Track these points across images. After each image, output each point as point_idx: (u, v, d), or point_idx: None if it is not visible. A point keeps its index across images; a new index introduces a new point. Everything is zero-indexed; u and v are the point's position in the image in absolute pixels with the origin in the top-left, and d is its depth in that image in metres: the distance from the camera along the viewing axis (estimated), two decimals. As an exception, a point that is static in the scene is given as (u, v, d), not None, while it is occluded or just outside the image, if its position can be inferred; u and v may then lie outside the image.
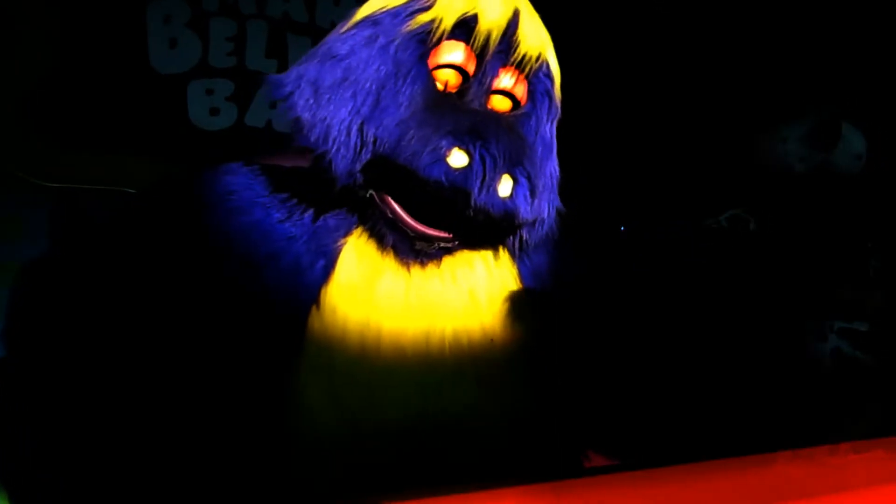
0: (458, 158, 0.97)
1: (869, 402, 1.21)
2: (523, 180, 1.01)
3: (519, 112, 1.07)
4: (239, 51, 1.67)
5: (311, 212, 1.06)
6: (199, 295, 1.03)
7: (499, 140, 0.99)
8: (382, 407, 1.03)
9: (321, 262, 1.04)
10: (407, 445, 1.03)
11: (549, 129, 1.09)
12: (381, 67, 1.01)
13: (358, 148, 1.00)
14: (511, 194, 1.00)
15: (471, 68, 1.04)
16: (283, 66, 1.21)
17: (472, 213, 0.99)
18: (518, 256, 1.11)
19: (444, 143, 0.98)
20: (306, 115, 1.01)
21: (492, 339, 1.07)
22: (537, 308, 1.11)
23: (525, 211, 1.02)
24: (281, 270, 1.03)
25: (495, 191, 0.99)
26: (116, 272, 1.09)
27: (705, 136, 1.49)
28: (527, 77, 1.07)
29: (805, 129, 1.41)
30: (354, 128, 1.00)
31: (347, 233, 1.06)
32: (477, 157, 0.98)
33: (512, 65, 1.05)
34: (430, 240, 1.03)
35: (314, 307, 1.02)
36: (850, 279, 1.31)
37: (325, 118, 1.00)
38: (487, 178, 0.98)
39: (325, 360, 1.02)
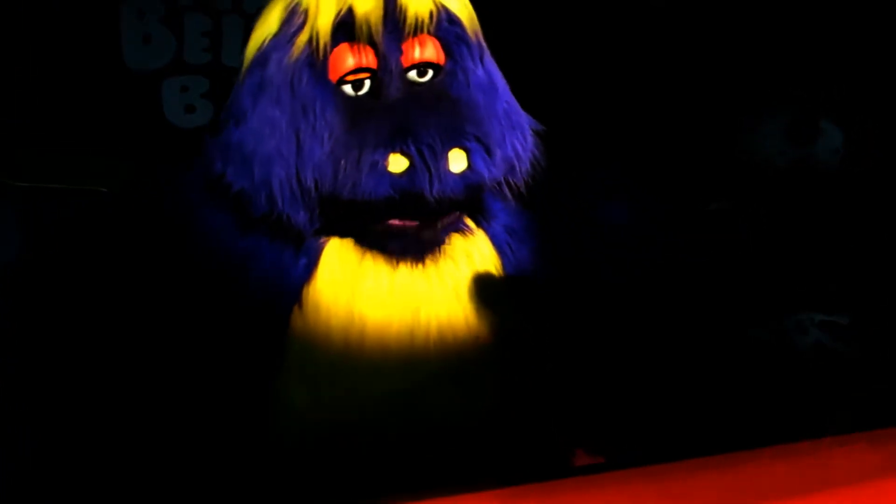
0: (397, 164, 0.96)
1: (851, 395, 1.22)
2: (474, 145, 0.99)
3: (442, 75, 1.02)
4: (215, 47, 1.64)
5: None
6: (177, 295, 1.01)
7: (430, 122, 0.97)
8: (366, 406, 1.02)
9: (303, 261, 1.02)
10: (391, 445, 1.02)
11: (482, 70, 1.05)
12: (288, 109, 0.98)
13: (305, 198, 0.98)
14: (469, 164, 0.98)
15: (372, 63, 1.00)
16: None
17: (435, 206, 0.98)
18: (518, 199, 1.08)
19: (377, 156, 0.96)
20: (247, 185, 0.99)
21: (477, 337, 1.06)
22: (521, 304, 1.10)
23: (488, 173, 1.00)
24: (262, 270, 1.02)
25: (448, 173, 0.97)
26: (91, 273, 1.07)
27: (686, 129, 1.50)
28: (433, 34, 1.02)
29: (784, 124, 1.42)
30: (293, 180, 0.98)
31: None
32: (414, 152, 0.96)
33: (409, 35, 1.00)
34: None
35: (296, 306, 1.01)
36: (830, 272, 1.32)
37: (264, 180, 0.98)
38: (433, 167, 0.96)
39: (308, 360, 1.01)
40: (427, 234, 1.03)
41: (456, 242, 1.08)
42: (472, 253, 1.09)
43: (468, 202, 1.04)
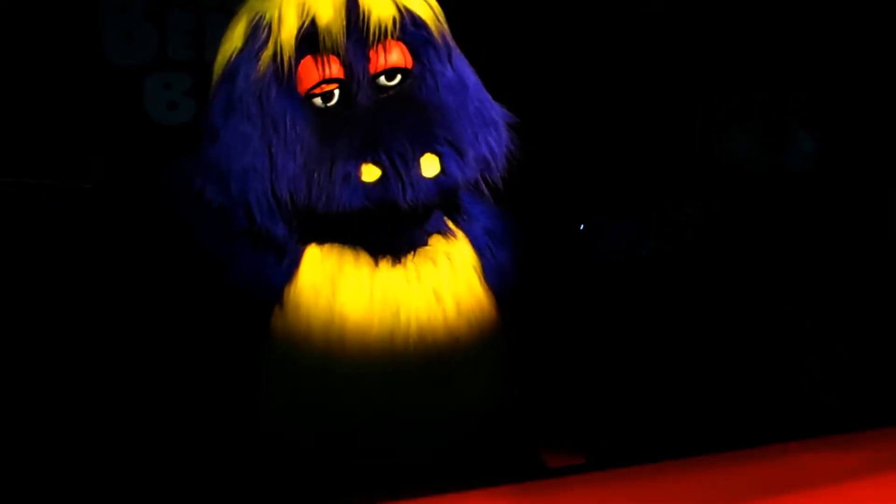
0: (369, 173, 0.97)
1: (827, 397, 1.24)
2: (446, 149, 1.00)
3: (409, 79, 1.03)
4: (198, 44, 1.64)
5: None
6: (157, 294, 1.02)
7: (400, 129, 0.98)
8: (346, 406, 1.03)
9: (285, 261, 1.03)
10: (371, 446, 1.02)
11: (451, 70, 1.05)
12: (258, 124, 0.99)
13: (282, 211, 0.99)
14: (442, 168, 0.99)
15: (338, 72, 1.01)
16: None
17: (410, 212, 0.99)
18: (493, 197, 1.09)
19: (349, 167, 0.97)
20: (225, 200, 1.00)
21: (457, 338, 1.07)
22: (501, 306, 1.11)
23: (462, 174, 1.01)
24: (243, 270, 1.02)
25: (420, 178, 0.98)
26: (72, 270, 1.07)
27: (661, 134, 1.51)
28: (398, 39, 1.03)
29: (757, 130, 1.44)
30: (269, 195, 0.99)
31: None
32: (385, 161, 0.97)
33: (374, 42, 1.01)
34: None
35: (277, 306, 1.01)
36: (803, 274, 1.34)
37: (241, 195, 0.99)
38: (404, 175, 0.97)
39: (288, 359, 1.01)
40: (407, 234, 1.05)
41: (436, 244, 1.09)
42: (453, 254, 1.10)
43: (444, 204, 1.06)
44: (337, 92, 1.01)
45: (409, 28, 1.03)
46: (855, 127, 1.43)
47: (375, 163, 0.97)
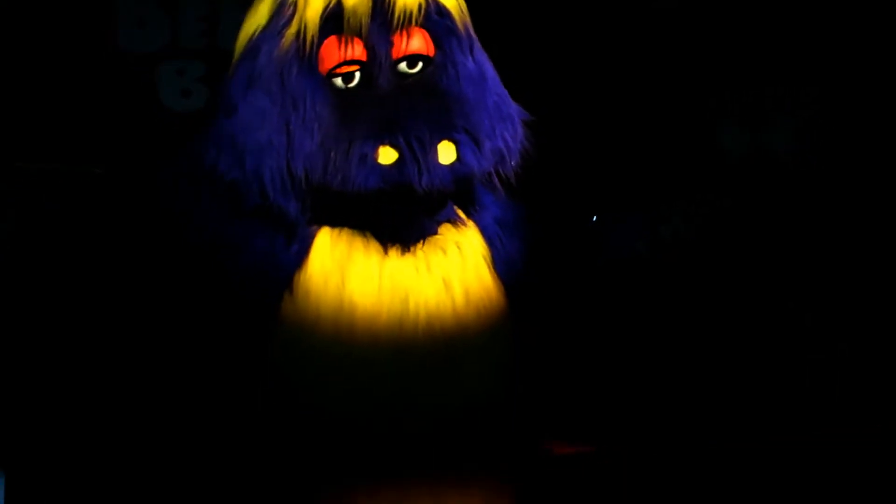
0: (386, 155, 0.98)
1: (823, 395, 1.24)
2: (463, 137, 1.01)
3: (432, 67, 1.04)
4: (211, 31, 1.65)
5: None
6: (168, 279, 1.02)
7: (420, 114, 0.99)
8: (354, 392, 1.03)
9: (295, 248, 1.03)
10: (378, 430, 1.03)
11: (472, 62, 1.06)
12: (278, 101, 1.00)
13: (296, 189, 1.00)
14: (458, 156, 1.00)
15: (361, 54, 1.01)
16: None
17: (424, 196, 0.99)
18: (507, 190, 1.09)
19: (366, 148, 0.97)
20: (238, 175, 1.00)
21: (465, 327, 1.07)
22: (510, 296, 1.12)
23: (478, 164, 1.02)
24: (254, 256, 1.03)
25: (437, 165, 0.98)
26: (84, 253, 1.08)
27: (669, 128, 1.51)
28: (422, 26, 1.03)
29: (738, 112, 1.43)
30: (284, 171, 0.99)
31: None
32: (403, 144, 0.97)
33: (398, 27, 1.02)
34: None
35: (287, 292, 1.02)
36: (798, 263, 1.34)
37: (255, 170, 1.00)
38: (422, 159, 0.98)
39: (297, 346, 1.02)
40: (418, 222, 1.05)
41: (446, 233, 1.09)
42: (463, 244, 1.10)
43: (457, 193, 1.06)
44: (358, 74, 1.02)
45: (434, 16, 1.04)
46: (859, 124, 1.43)
47: (393, 145, 0.97)
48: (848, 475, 0.87)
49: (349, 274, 1.04)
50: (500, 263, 1.12)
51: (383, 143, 0.98)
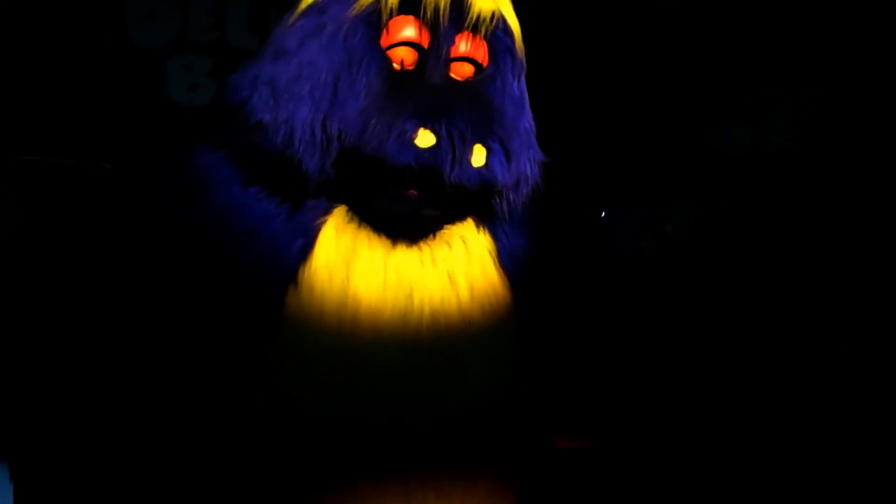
0: (425, 139, 0.98)
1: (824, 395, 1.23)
2: (496, 146, 1.01)
3: (482, 76, 1.05)
4: (220, 26, 1.65)
5: (288, 204, 1.04)
6: (174, 272, 1.02)
7: (464, 111, 1.00)
8: (358, 387, 1.03)
9: (300, 241, 1.03)
10: (382, 426, 1.03)
11: (518, 86, 1.08)
12: (334, 57, 1.00)
13: (324, 145, 0.99)
14: (486, 163, 1.01)
15: (425, 41, 1.02)
16: (263, 42, 1.20)
17: (448, 190, 0.99)
18: (506, 219, 1.10)
19: (408, 126, 0.98)
20: (268, 118, 1.00)
21: (469, 322, 1.07)
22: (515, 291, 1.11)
23: (503, 176, 1.03)
24: (258, 249, 1.03)
25: (468, 163, 0.99)
26: (92, 246, 1.09)
27: (671, 127, 1.50)
28: (485, 38, 1.05)
29: (739, 111, 1.42)
30: (318, 125, 0.99)
31: (327, 212, 1.05)
32: (444, 133, 0.98)
33: (467, 29, 1.03)
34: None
35: (292, 286, 1.02)
36: (801, 262, 1.33)
37: (287, 119, 1.00)
38: (458, 152, 0.98)
39: (301, 339, 1.02)
40: (428, 212, 1.05)
41: (452, 228, 1.09)
42: (468, 238, 1.10)
43: (477, 202, 1.06)
44: (415, 59, 1.03)
45: (499, 32, 1.06)
46: (859, 124, 1.42)
47: (434, 131, 0.98)
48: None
49: (354, 268, 1.04)
50: (506, 258, 1.12)
51: (425, 127, 0.98)
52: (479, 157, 1.00)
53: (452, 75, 1.05)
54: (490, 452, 1.06)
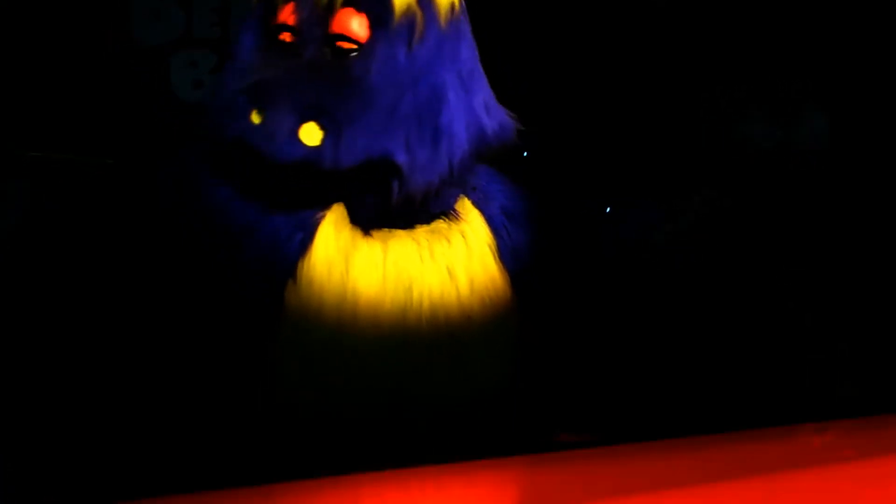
0: (255, 117, 1.00)
1: (839, 381, 1.22)
2: (330, 125, 0.99)
3: (355, 53, 1.02)
4: (224, 22, 1.65)
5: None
6: (173, 269, 1.03)
7: (296, 90, 1.00)
8: (358, 382, 1.03)
9: (299, 236, 1.03)
10: (382, 420, 1.03)
11: (404, 57, 1.02)
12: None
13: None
14: (321, 143, 0.99)
15: (291, 21, 1.03)
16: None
17: (267, 166, 0.99)
18: (405, 207, 1.05)
19: (240, 101, 1.00)
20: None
21: (469, 317, 1.07)
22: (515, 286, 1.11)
23: (334, 158, 0.99)
24: (258, 243, 1.03)
25: (295, 140, 0.98)
26: (93, 242, 1.09)
27: (678, 118, 1.49)
28: (360, 9, 1.02)
29: (769, 106, 1.41)
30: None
31: (326, 206, 1.05)
32: (269, 112, 0.99)
33: (337, 5, 1.01)
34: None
35: (291, 281, 1.02)
36: (817, 256, 1.32)
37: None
38: (276, 128, 0.98)
39: (301, 333, 1.02)
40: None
41: (451, 222, 1.09)
42: (468, 233, 1.10)
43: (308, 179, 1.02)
44: (291, 40, 1.04)
45: (373, 4, 1.02)
46: (870, 107, 1.40)
47: (260, 109, 1.00)
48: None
49: (353, 263, 1.04)
50: (507, 253, 1.12)
51: (253, 105, 1.00)
52: (309, 135, 0.99)
53: (329, 55, 1.02)
54: (491, 446, 1.06)
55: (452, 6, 1.07)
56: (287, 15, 1.03)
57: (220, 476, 1.00)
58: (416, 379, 1.04)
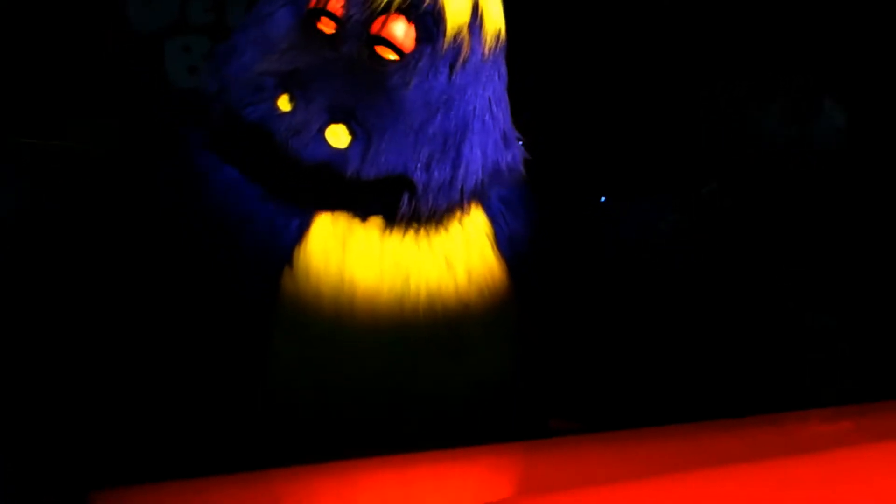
0: (283, 103, 0.97)
1: (835, 369, 1.23)
2: (362, 133, 0.97)
3: (396, 62, 1.00)
4: (218, 7, 1.64)
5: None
6: (170, 256, 1.02)
7: (341, 89, 0.97)
8: (354, 372, 1.03)
9: (296, 222, 1.02)
10: (378, 408, 1.03)
11: (444, 81, 1.01)
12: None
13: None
14: (347, 148, 0.97)
15: (338, 10, 0.99)
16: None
17: (285, 158, 0.97)
18: (408, 221, 1.03)
19: (267, 82, 0.97)
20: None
21: (467, 306, 1.07)
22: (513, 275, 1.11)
23: (357, 166, 0.97)
24: (255, 229, 1.02)
25: (317, 138, 0.96)
26: (88, 233, 1.08)
27: (681, 106, 1.49)
28: (409, 20, 0.99)
29: (785, 102, 1.41)
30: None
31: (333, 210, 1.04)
32: (300, 102, 0.96)
33: (391, 9, 0.98)
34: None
35: (287, 268, 1.01)
36: (824, 249, 1.32)
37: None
38: (305, 123, 0.96)
39: (297, 322, 1.01)
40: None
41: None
42: (465, 222, 1.09)
43: (319, 178, 1.00)
44: (332, 31, 1.01)
45: (425, 16, 1.00)
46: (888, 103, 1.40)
47: (291, 96, 0.97)
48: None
49: (350, 252, 1.03)
50: (504, 242, 1.11)
51: (284, 90, 0.97)
52: (336, 137, 0.97)
53: (368, 57, 1.00)
54: (488, 436, 1.06)
55: (498, 36, 1.06)
56: (336, 3, 0.99)
57: (214, 462, 1.00)
58: (414, 368, 1.04)
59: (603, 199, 1.40)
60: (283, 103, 0.97)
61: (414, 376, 1.04)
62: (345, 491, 0.87)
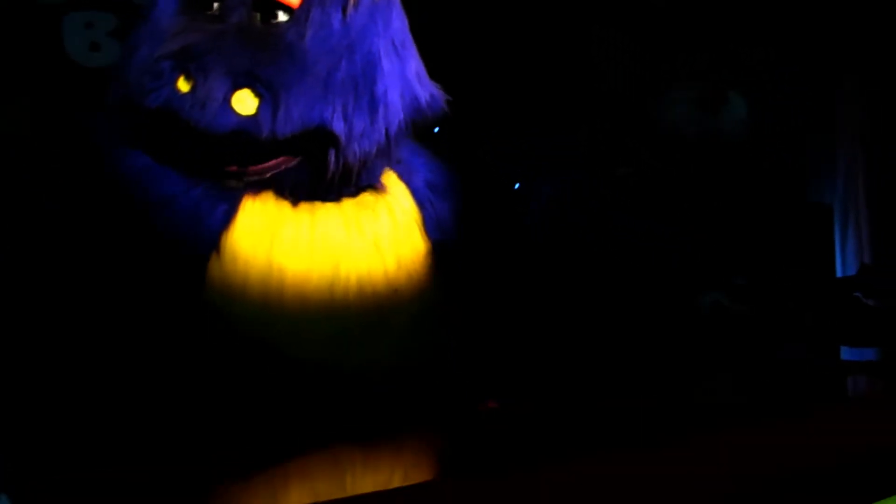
0: (182, 84, 0.96)
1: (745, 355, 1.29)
2: (266, 93, 0.97)
3: (288, 20, 1.00)
4: (123, -18, 1.56)
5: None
6: (90, 239, 0.98)
7: (226, 54, 0.97)
8: (284, 357, 1.01)
9: (222, 207, 1.00)
10: (309, 395, 1.01)
11: (335, 29, 1.00)
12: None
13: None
14: (257, 109, 0.96)
15: None
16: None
17: (196, 135, 0.96)
18: (340, 179, 1.03)
19: (164, 66, 0.97)
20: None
21: (396, 290, 1.06)
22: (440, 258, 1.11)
23: (270, 126, 0.96)
24: (177, 215, 0.99)
25: (227, 108, 0.96)
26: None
27: (598, 96, 1.52)
28: None
29: (693, 93, 1.47)
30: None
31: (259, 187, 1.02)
32: (198, 78, 0.96)
33: None
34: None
35: (214, 254, 0.98)
36: (731, 236, 1.38)
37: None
38: (208, 94, 0.95)
39: (226, 308, 0.99)
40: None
41: (377, 196, 1.08)
42: (394, 207, 1.09)
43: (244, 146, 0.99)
44: (217, 5, 1.01)
45: None
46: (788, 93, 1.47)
47: (188, 74, 0.97)
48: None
49: (278, 237, 1.01)
50: (432, 226, 1.12)
51: (180, 70, 0.97)
52: (242, 103, 0.97)
53: (256, 22, 1.00)
54: (417, 418, 1.06)
55: None
56: None
57: (143, 450, 0.96)
58: (344, 352, 1.03)
59: (517, 185, 1.42)
60: (182, 84, 0.96)
61: (345, 360, 1.03)
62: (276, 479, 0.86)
